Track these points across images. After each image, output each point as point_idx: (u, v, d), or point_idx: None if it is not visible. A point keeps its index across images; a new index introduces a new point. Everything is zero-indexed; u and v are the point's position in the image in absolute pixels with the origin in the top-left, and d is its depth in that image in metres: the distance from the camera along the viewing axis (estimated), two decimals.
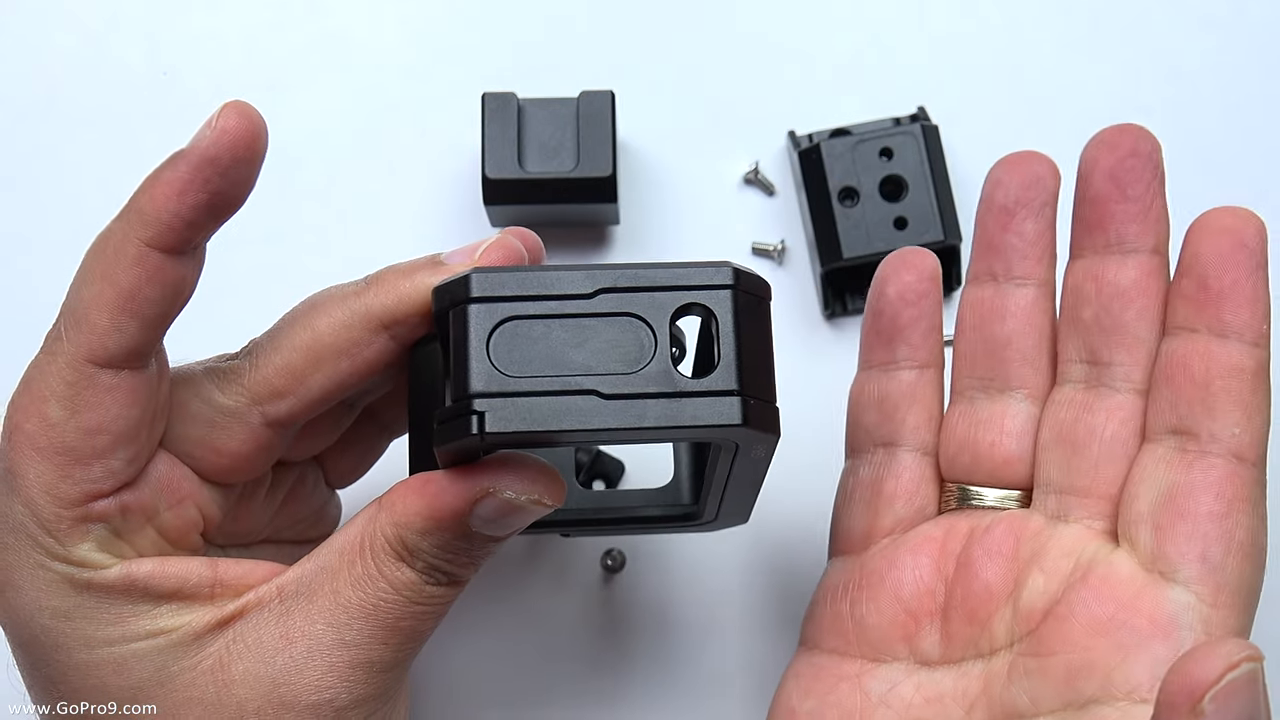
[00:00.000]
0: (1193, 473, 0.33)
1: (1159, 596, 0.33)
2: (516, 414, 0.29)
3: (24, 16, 0.52)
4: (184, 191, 0.32)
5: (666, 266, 0.31)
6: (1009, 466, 0.37)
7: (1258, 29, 0.52)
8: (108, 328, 0.32)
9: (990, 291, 0.38)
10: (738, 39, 0.52)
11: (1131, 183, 0.36)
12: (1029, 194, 0.38)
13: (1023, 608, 0.35)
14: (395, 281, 0.34)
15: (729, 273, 0.31)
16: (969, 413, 0.38)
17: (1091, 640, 0.33)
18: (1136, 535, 0.34)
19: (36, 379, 0.33)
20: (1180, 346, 0.34)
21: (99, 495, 0.33)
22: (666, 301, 0.30)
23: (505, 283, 0.31)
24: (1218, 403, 0.33)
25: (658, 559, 0.47)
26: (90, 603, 0.33)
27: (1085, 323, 0.36)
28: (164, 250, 0.32)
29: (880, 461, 0.39)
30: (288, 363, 0.35)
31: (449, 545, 0.33)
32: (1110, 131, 0.36)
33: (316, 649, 0.33)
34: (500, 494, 0.32)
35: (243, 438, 0.35)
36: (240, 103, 0.32)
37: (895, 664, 0.37)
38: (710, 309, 0.31)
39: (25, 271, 0.50)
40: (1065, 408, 0.36)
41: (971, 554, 0.36)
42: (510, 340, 0.30)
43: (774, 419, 0.31)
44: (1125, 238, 0.36)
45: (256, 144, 0.32)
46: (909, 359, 0.39)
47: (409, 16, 0.52)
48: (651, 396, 0.30)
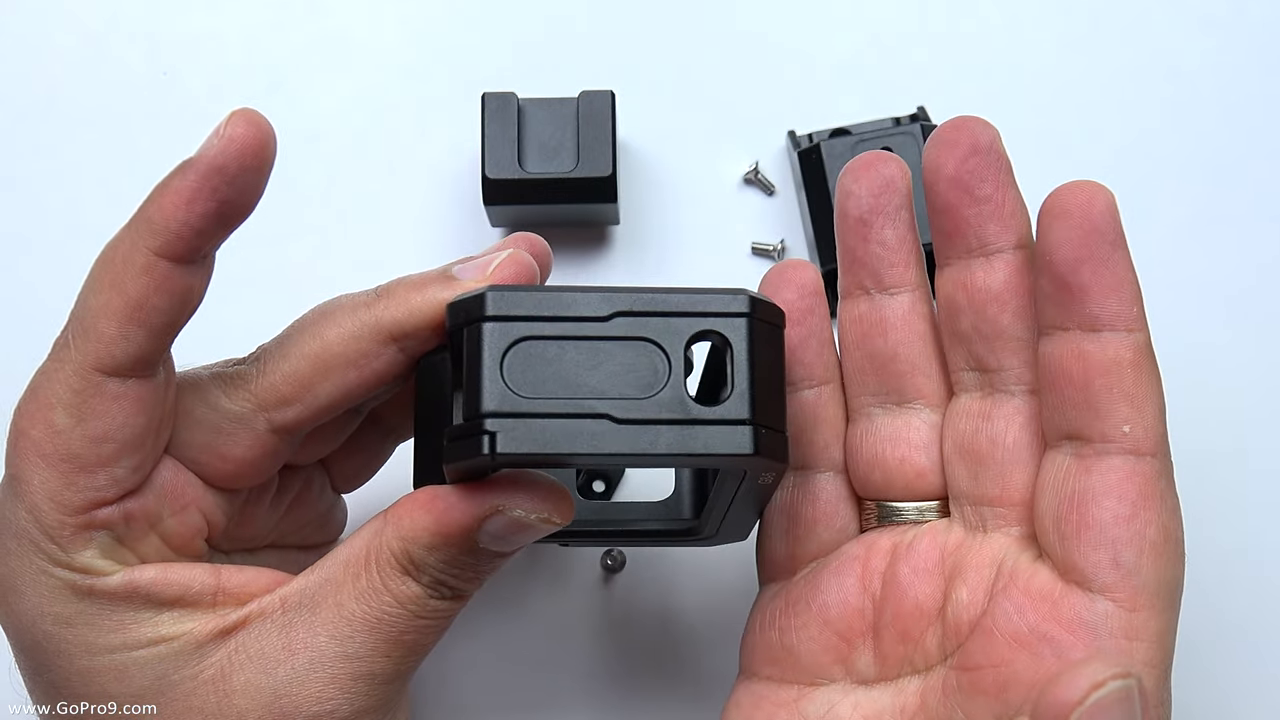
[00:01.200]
0: (1091, 477, 0.32)
1: (1077, 606, 0.32)
2: (528, 435, 0.30)
3: (24, 16, 0.52)
4: (192, 200, 0.32)
5: (684, 292, 0.31)
6: (922, 479, 0.36)
7: (1258, 29, 0.52)
8: (115, 336, 0.32)
9: (866, 306, 0.37)
10: (738, 39, 0.52)
11: (978, 183, 0.34)
12: (881, 201, 0.36)
13: (950, 622, 0.34)
14: (406, 295, 0.34)
15: (745, 301, 0.31)
16: (871, 430, 0.37)
17: (1015, 653, 0.32)
18: (1049, 546, 0.33)
19: (43, 386, 0.33)
20: (1054, 349, 0.33)
21: (103, 503, 0.33)
22: (682, 327, 0.31)
23: (521, 302, 0.31)
24: (1101, 403, 0.32)
25: (658, 560, 0.47)
26: (92, 609, 0.33)
27: (965, 332, 0.35)
28: (172, 259, 0.32)
29: (795, 485, 0.38)
30: (295, 371, 0.35)
31: (455, 560, 0.33)
32: (946, 129, 0.35)
33: (319, 661, 0.33)
34: (509, 512, 0.32)
35: (248, 444, 0.35)
36: (249, 110, 0.32)
37: (832, 686, 0.36)
38: (726, 336, 0.31)
39: (25, 272, 0.50)
40: (964, 418, 0.35)
41: (897, 571, 0.36)
42: (524, 360, 0.30)
43: (784, 447, 0.31)
44: (986, 239, 0.34)
45: (265, 152, 0.32)
46: (805, 379, 0.37)
47: (409, 16, 0.52)
48: (664, 423, 0.30)
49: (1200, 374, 0.49)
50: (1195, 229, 0.50)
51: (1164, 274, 0.50)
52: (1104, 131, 0.51)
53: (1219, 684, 0.47)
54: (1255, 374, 0.49)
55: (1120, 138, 0.51)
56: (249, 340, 0.37)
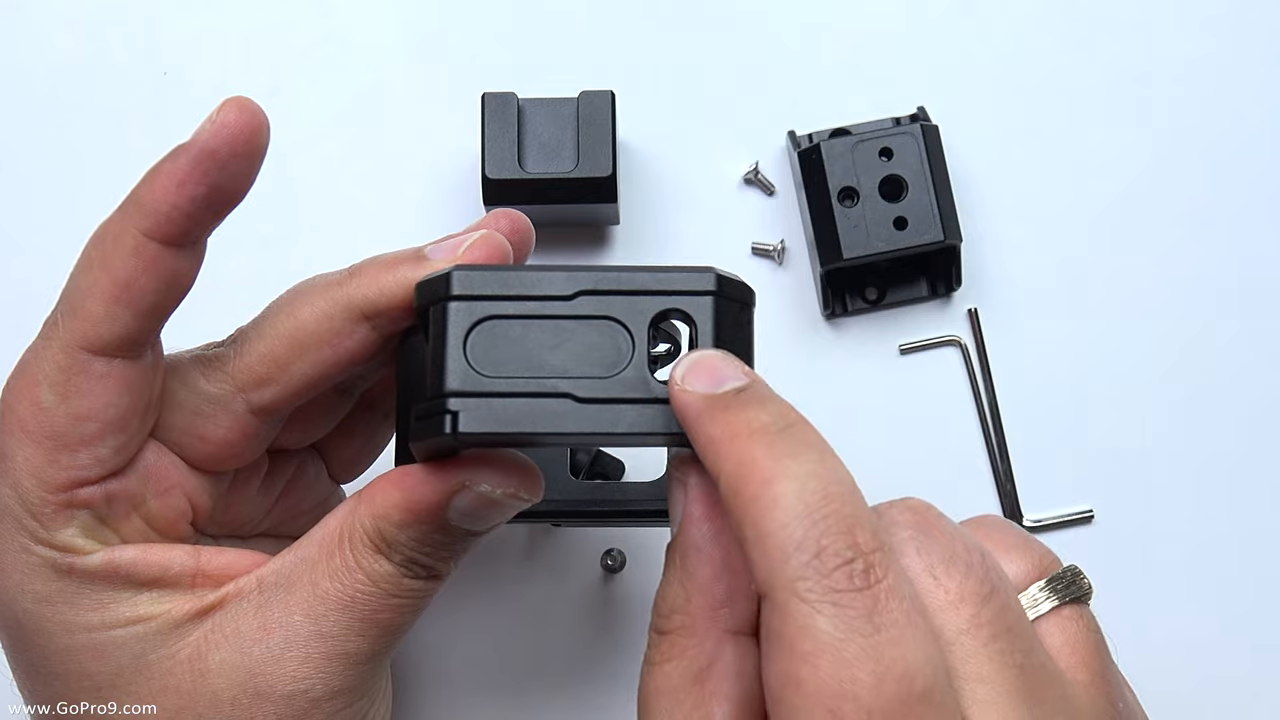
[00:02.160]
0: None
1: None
2: (490, 415, 0.30)
3: (24, 16, 0.52)
4: (183, 184, 0.32)
5: (650, 270, 0.31)
6: None
7: (1258, 29, 0.52)
8: (102, 316, 0.32)
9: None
10: (738, 39, 0.52)
11: None
12: None
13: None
14: (376, 273, 0.34)
15: (711, 278, 0.31)
16: None
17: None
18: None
19: (31, 363, 0.33)
20: None
21: (85, 482, 0.33)
22: (646, 306, 0.30)
23: (486, 281, 0.31)
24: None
25: (658, 559, 0.47)
26: (71, 588, 0.33)
27: None
28: (162, 241, 0.32)
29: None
30: (270, 350, 0.35)
31: (427, 538, 0.33)
32: None
33: (293, 640, 0.33)
34: (476, 488, 0.32)
35: (228, 425, 0.35)
36: (241, 98, 0.33)
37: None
38: (690, 315, 0.31)
39: (25, 271, 0.50)
40: None
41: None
42: (488, 340, 0.30)
43: None
44: None
45: (257, 138, 0.32)
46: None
47: (409, 16, 0.52)
48: (626, 402, 0.30)
49: (1201, 373, 0.49)
50: (1195, 229, 0.50)
51: (1162, 274, 0.50)
52: (1104, 131, 0.51)
53: (1221, 682, 0.47)
54: (1255, 373, 0.49)
55: (1120, 138, 0.51)
56: None
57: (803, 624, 0.25)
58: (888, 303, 0.50)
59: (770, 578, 0.26)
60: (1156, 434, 0.49)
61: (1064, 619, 0.32)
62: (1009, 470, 0.49)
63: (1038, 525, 0.48)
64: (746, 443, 0.27)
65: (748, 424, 0.27)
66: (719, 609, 0.29)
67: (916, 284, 0.50)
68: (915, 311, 0.50)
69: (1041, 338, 0.50)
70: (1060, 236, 0.50)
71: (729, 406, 0.28)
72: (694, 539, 0.30)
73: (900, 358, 0.50)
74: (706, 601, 0.29)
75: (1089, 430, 0.49)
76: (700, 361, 0.29)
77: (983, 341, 0.49)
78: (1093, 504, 0.48)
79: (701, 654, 0.29)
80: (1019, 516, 0.48)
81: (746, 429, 0.27)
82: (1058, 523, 0.48)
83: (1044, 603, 0.32)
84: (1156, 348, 0.49)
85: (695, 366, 0.29)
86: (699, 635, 0.29)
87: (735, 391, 0.28)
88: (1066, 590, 0.32)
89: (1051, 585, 0.32)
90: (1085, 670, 0.31)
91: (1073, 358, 0.49)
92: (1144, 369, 0.49)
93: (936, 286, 0.50)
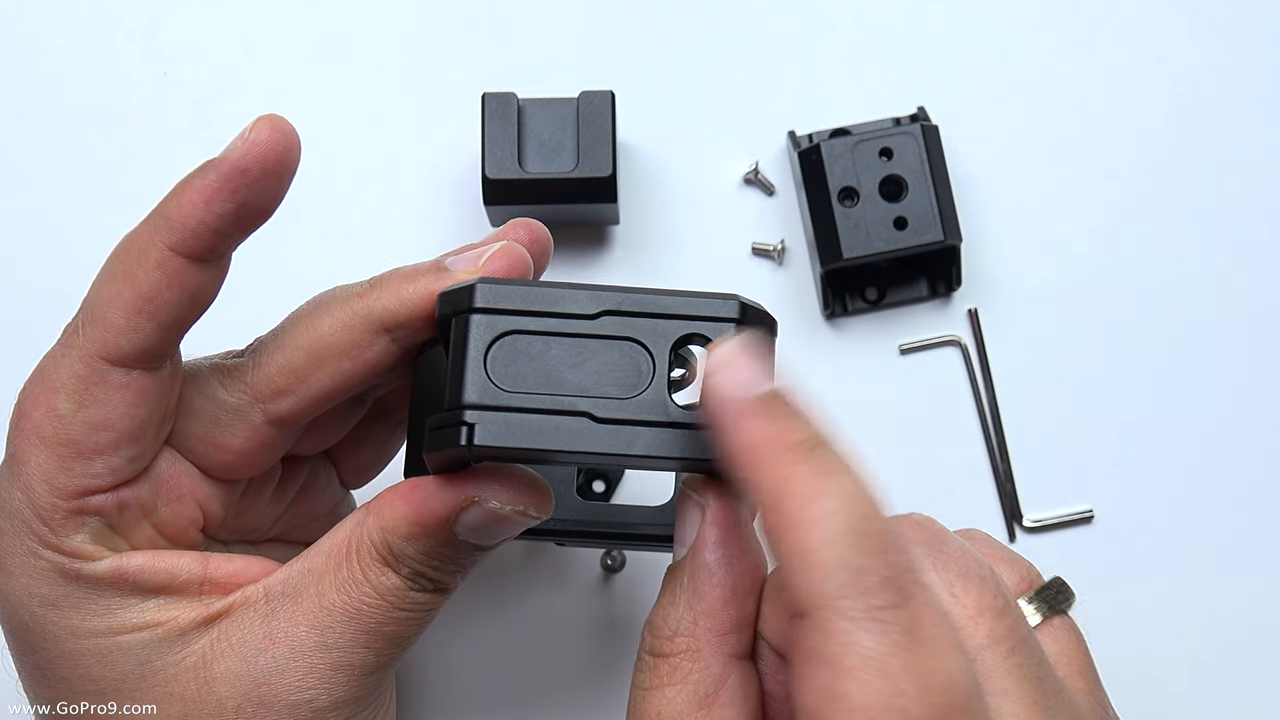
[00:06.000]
0: None
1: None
2: (507, 429, 0.30)
3: (24, 16, 0.52)
4: (211, 200, 0.32)
5: (674, 294, 0.31)
6: None
7: (1258, 29, 0.52)
8: (123, 327, 0.33)
9: None
10: (738, 39, 0.52)
11: None
12: None
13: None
14: (398, 285, 0.34)
15: (735, 306, 0.31)
16: None
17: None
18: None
19: (49, 370, 0.33)
20: None
21: (97, 490, 0.33)
22: (669, 329, 0.31)
23: (510, 296, 0.31)
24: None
25: (658, 559, 0.47)
26: (79, 593, 0.33)
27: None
28: (187, 256, 0.33)
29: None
30: (290, 361, 0.35)
31: (434, 552, 0.33)
32: None
33: (299, 650, 0.33)
34: (485, 503, 0.32)
35: (245, 435, 0.35)
36: (275, 116, 0.33)
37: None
38: (712, 341, 0.31)
39: (25, 271, 0.50)
40: None
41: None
42: (509, 354, 0.30)
43: None
44: None
45: (287, 157, 0.33)
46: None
47: (409, 16, 0.52)
48: (644, 424, 0.30)
49: (1201, 373, 0.49)
50: (1195, 229, 0.50)
51: (1162, 273, 0.50)
52: (1104, 131, 0.51)
53: (1220, 682, 0.47)
54: (1255, 373, 0.49)
55: (1120, 137, 0.51)
56: (248, 341, 0.37)
57: (846, 640, 0.25)
58: (888, 303, 0.50)
59: (811, 596, 0.26)
60: (1156, 434, 0.49)
61: (1055, 629, 0.32)
62: (1009, 470, 0.49)
63: (1038, 525, 0.48)
64: (786, 458, 0.27)
65: (785, 437, 0.27)
66: (727, 633, 0.29)
67: (916, 284, 0.50)
68: (915, 311, 0.50)
69: (1041, 338, 0.50)
70: (1060, 236, 0.50)
71: (762, 414, 0.27)
72: (708, 562, 0.30)
73: (900, 358, 0.50)
74: (715, 625, 0.29)
75: (1089, 430, 0.49)
76: (733, 359, 0.28)
77: (983, 341, 0.49)
78: (1093, 504, 0.48)
79: (708, 678, 0.29)
80: (1019, 516, 0.48)
81: (784, 443, 0.27)
82: (1058, 523, 0.48)
83: (1034, 615, 0.33)
84: (1156, 347, 0.49)
85: (729, 362, 0.28)
86: (705, 659, 0.29)
87: (770, 396, 0.28)
88: (1055, 601, 0.33)
89: (1041, 596, 0.33)
90: (1081, 679, 0.32)
91: (1073, 358, 0.49)
92: (1144, 369, 0.49)
93: (936, 286, 0.50)
